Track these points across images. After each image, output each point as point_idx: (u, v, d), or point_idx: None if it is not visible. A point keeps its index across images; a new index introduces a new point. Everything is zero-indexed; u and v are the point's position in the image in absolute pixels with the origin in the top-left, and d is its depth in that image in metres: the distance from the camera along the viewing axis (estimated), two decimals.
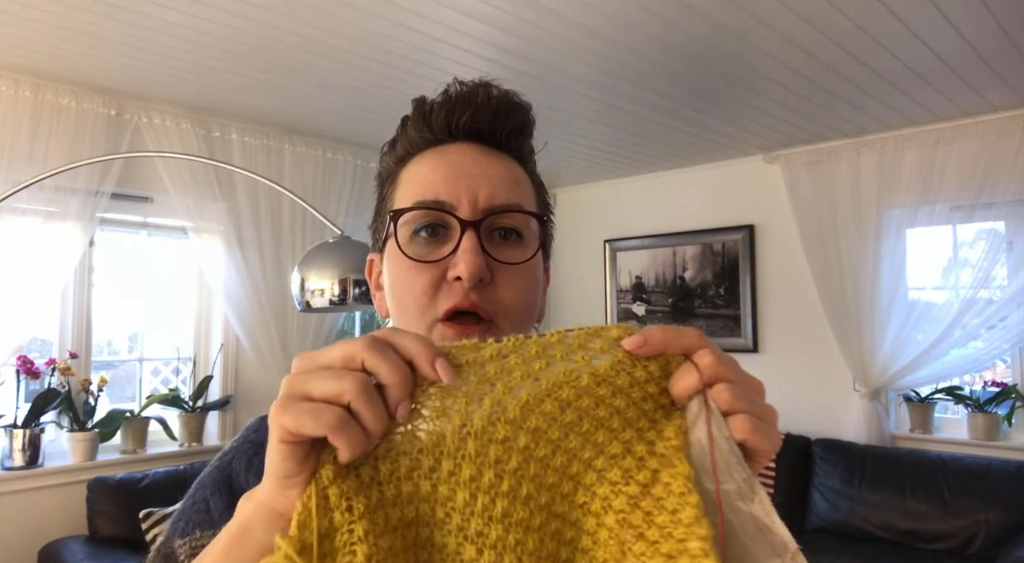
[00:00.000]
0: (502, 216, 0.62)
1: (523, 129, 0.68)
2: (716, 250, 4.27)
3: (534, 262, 0.64)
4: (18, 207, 2.73)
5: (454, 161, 0.64)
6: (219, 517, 0.64)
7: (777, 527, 0.42)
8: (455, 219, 0.61)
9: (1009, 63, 2.70)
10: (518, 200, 0.64)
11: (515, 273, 0.62)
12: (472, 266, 0.59)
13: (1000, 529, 2.97)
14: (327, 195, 3.76)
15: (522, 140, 0.69)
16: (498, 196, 0.62)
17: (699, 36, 2.46)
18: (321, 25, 2.37)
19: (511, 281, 0.62)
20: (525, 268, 0.63)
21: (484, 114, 0.65)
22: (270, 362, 3.52)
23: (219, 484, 0.67)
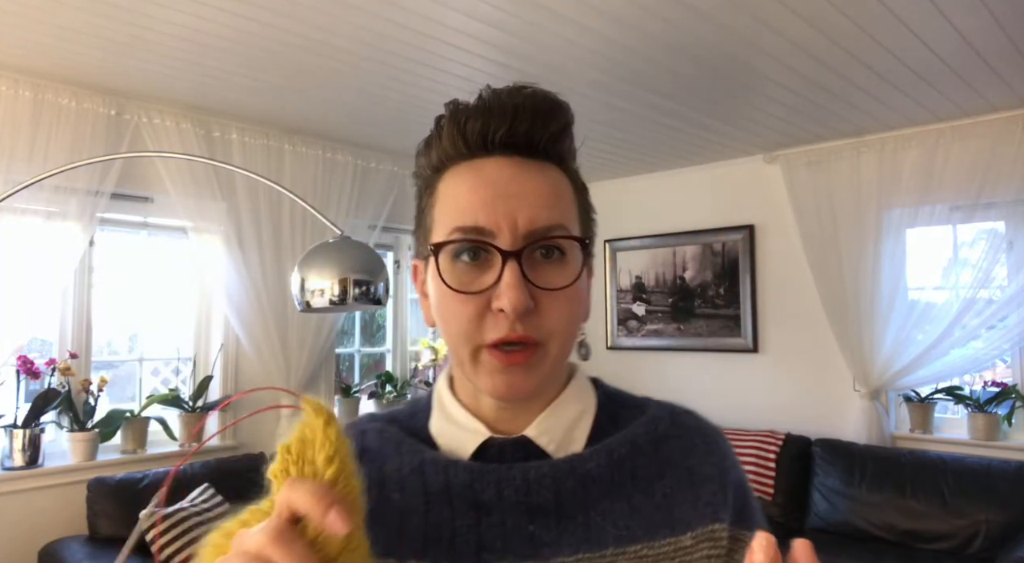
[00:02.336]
0: (544, 240, 0.61)
1: (563, 133, 0.65)
2: (716, 250, 4.27)
3: (579, 277, 0.63)
4: (18, 207, 2.73)
5: (491, 180, 0.62)
6: None
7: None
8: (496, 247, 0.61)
9: (1009, 63, 2.70)
10: (559, 217, 0.62)
11: (559, 297, 0.61)
12: (515, 301, 0.58)
13: (1000, 529, 2.97)
14: (327, 195, 3.76)
15: (562, 144, 0.66)
16: (539, 218, 0.61)
17: (699, 36, 2.46)
18: (321, 25, 2.37)
19: (556, 305, 0.61)
20: (569, 290, 0.62)
21: (521, 125, 0.63)
22: (270, 362, 3.52)
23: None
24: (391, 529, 0.63)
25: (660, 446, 0.67)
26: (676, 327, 4.42)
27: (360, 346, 4.33)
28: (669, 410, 0.71)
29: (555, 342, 0.61)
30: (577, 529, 0.62)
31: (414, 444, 0.67)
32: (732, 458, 0.71)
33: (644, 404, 0.72)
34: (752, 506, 0.70)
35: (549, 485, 0.63)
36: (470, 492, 0.63)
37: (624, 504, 0.64)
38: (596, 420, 0.69)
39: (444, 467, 0.65)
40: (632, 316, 4.64)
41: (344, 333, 4.27)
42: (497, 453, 0.66)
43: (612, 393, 0.73)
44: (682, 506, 0.65)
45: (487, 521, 0.62)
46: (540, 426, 0.66)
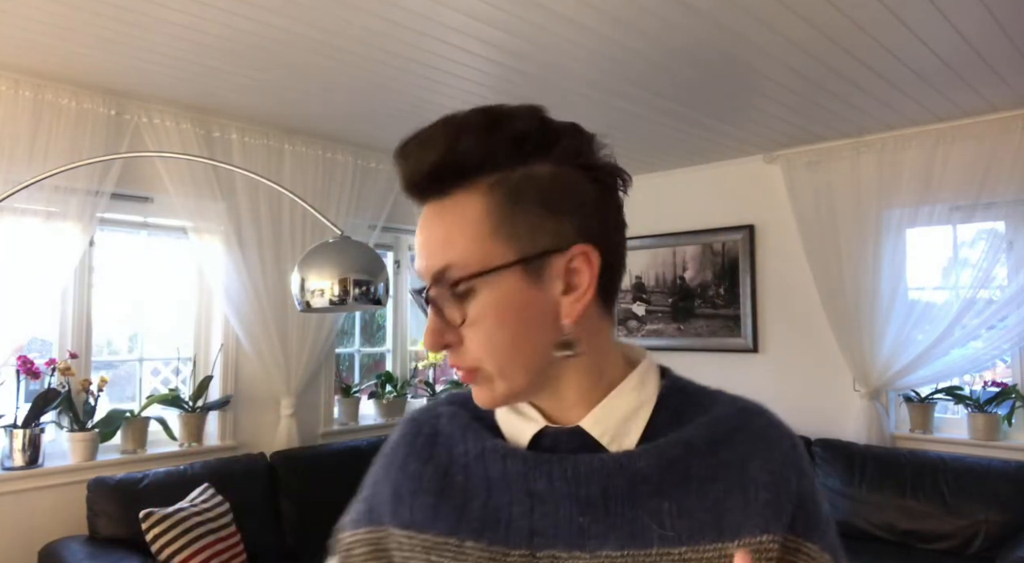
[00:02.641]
0: (444, 282, 0.64)
1: (459, 163, 0.64)
2: (716, 250, 4.27)
3: (489, 305, 0.63)
4: (18, 207, 2.73)
5: (419, 230, 0.67)
6: (361, 519, 0.76)
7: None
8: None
9: (1009, 63, 2.70)
10: (446, 260, 0.64)
11: (474, 326, 0.64)
12: (427, 345, 0.66)
13: (1000, 529, 2.97)
14: (327, 195, 3.76)
15: (467, 168, 0.64)
16: (429, 267, 0.65)
17: (699, 36, 2.46)
18: (321, 25, 2.37)
19: (472, 336, 0.65)
20: (479, 318, 0.64)
21: (417, 177, 0.65)
22: (270, 362, 3.52)
23: (368, 490, 0.78)
24: (455, 509, 0.68)
25: (718, 448, 0.66)
26: (676, 327, 4.42)
27: (360, 346, 4.33)
28: (736, 410, 0.70)
29: (488, 363, 0.65)
30: (625, 525, 0.64)
31: (479, 430, 0.72)
32: (798, 466, 0.68)
33: (712, 401, 0.71)
34: (818, 518, 0.67)
35: (598, 480, 0.65)
36: (524, 481, 0.67)
37: (674, 505, 0.64)
38: (655, 414, 0.69)
39: (502, 456, 0.69)
40: (632, 316, 4.64)
41: (344, 333, 4.27)
42: (552, 442, 0.69)
43: (681, 386, 0.72)
44: (733, 512, 0.64)
45: (540, 509, 0.66)
46: (595, 417, 0.68)
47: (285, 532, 3.23)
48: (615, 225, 0.69)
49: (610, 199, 0.68)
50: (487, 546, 0.66)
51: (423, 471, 0.72)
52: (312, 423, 3.80)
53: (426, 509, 0.70)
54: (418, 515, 0.70)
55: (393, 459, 0.76)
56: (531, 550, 0.65)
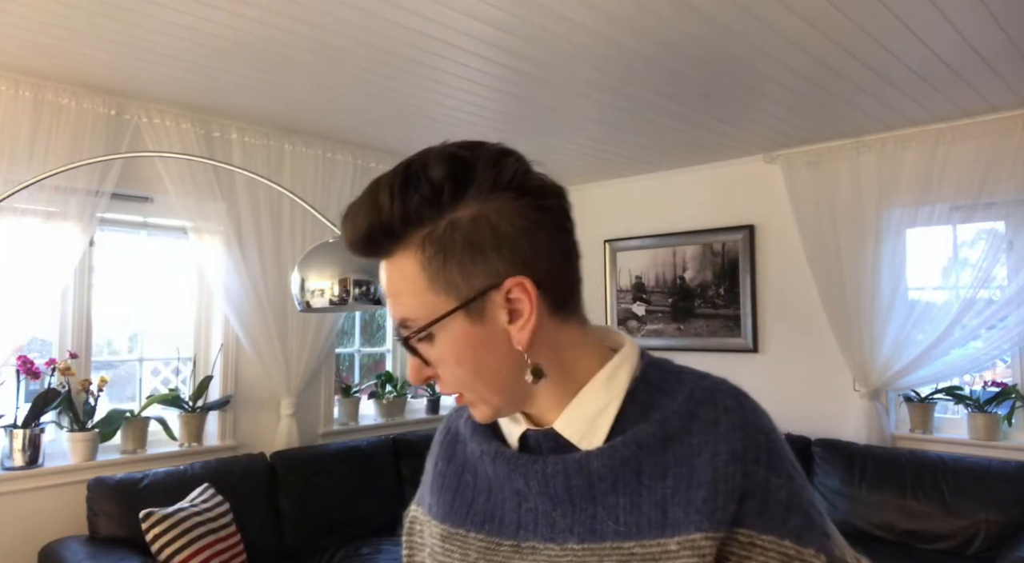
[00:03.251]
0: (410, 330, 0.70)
1: (386, 231, 0.68)
2: (716, 250, 4.27)
3: (446, 348, 0.69)
4: (18, 207, 2.73)
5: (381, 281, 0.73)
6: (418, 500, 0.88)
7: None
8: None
9: (1009, 63, 2.70)
10: (404, 313, 0.70)
11: (441, 365, 0.71)
12: (411, 380, 0.74)
13: (1000, 529, 2.97)
14: (327, 195, 3.76)
15: (394, 234, 0.68)
16: (396, 316, 0.71)
17: (699, 36, 2.46)
18: (321, 25, 2.37)
19: (444, 371, 0.71)
20: (441, 359, 0.70)
21: (355, 240, 0.70)
22: (270, 362, 3.52)
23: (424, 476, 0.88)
24: (465, 504, 0.79)
25: (670, 443, 0.68)
26: (676, 327, 4.42)
27: (360, 346, 4.33)
28: (695, 402, 0.70)
29: (467, 391, 0.72)
30: (586, 520, 0.70)
31: (485, 432, 0.79)
32: (747, 458, 0.66)
33: (678, 389, 0.72)
34: (774, 507, 0.66)
35: (561, 480, 0.70)
36: (510, 480, 0.75)
37: (627, 500, 0.68)
38: (625, 408, 0.72)
39: (492, 457, 0.76)
40: (632, 316, 4.64)
41: (344, 333, 4.27)
42: (534, 443, 0.75)
43: (654, 378, 0.74)
44: (677, 508, 0.66)
45: (525, 505, 0.74)
46: (565, 419, 0.73)
47: (285, 532, 3.23)
48: (551, 242, 0.69)
49: (542, 218, 0.68)
50: (486, 537, 0.75)
51: (447, 469, 0.83)
52: (312, 423, 3.80)
53: (446, 504, 0.81)
54: (441, 508, 0.81)
55: (433, 454, 0.88)
56: (517, 541, 0.73)
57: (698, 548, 0.64)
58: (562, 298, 0.71)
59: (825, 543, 0.67)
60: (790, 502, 0.66)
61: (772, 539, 0.65)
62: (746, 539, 0.65)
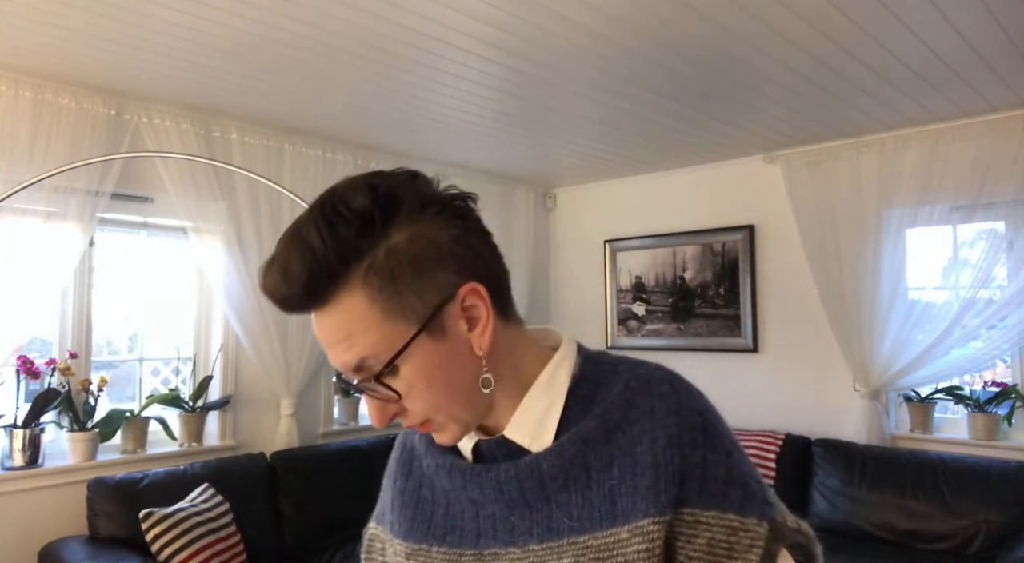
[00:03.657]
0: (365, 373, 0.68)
1: (321, 281, 0.65)
2: (716, 250, 4.27)
3: (414, 375, 0.68)
4: (18, 207, 2.73)
5: (317, 334, 0.70)
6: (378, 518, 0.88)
7: None
8: None
9: (1009, 63, 2.70)
10: (359, 354, 0.66)
11: (409, 396, 0.69)
12: (375, 422, 0.72)
13: (1000, 529, 2.97)
14: None
15: (332, 279, 0.65)
16: (347, 364, 0.68)
17: (699, 36, 2.46)
18: (321, 25, 2.37)
19: (411, 402, 0.69)
20: (409, 388, 0.68)
21: (293, 300, 0.66)
22: (270, 362, 3.52)
23: (383, 495, 0.89)
24: (425, 520, 0.79)
25: (612, 435, 0.70)
26: (676, 327, 4.42)
27: None
28: (631, 392, 0.72)
29: (436, 416, 0.71)
30: (543, 520, 0.71)
31: (436, 447, 0.79)
32: (683, 440, 0.68)
33: (616, 382, 0.73)
34: (713, 483, 0.68)
35: (515, 485, 0.72)
36: (466, 491, 0.76)
37: (579, 497, 0.70)
38: (568, 406, 0.73)
39: (448, 471, 0.77)
40: (632, 316, 4.64)
41: None
42: (488, 451, 0.76)
43: (591, 374, 0.75)
44: (624, 498, 0.68)
45: (482, 513, 0.75)
46: (513, 425, 0.74)
47: (285, 532, 3.23)
48: (482, 245, 0.71)
49: (468, 225, 0.70)
50: (448, 549, 0.76)
51: (405, 487, 0.83)
52: (312, 423, 3.80)
53: (406, 521, 0.81)
54: (403, 526, 0.81)
55: (391, 473, 0.87)
56: (479, 550, 0.74)
57: (647, 533, 0.66)
58: (504, 298, 0.73)
59: (767, 511, 0.69)
60: (728, 477, 0.69)
61: (715, 514, 0.67)
62: (691, 518, 0.67)
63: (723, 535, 0.67)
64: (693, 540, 0.67)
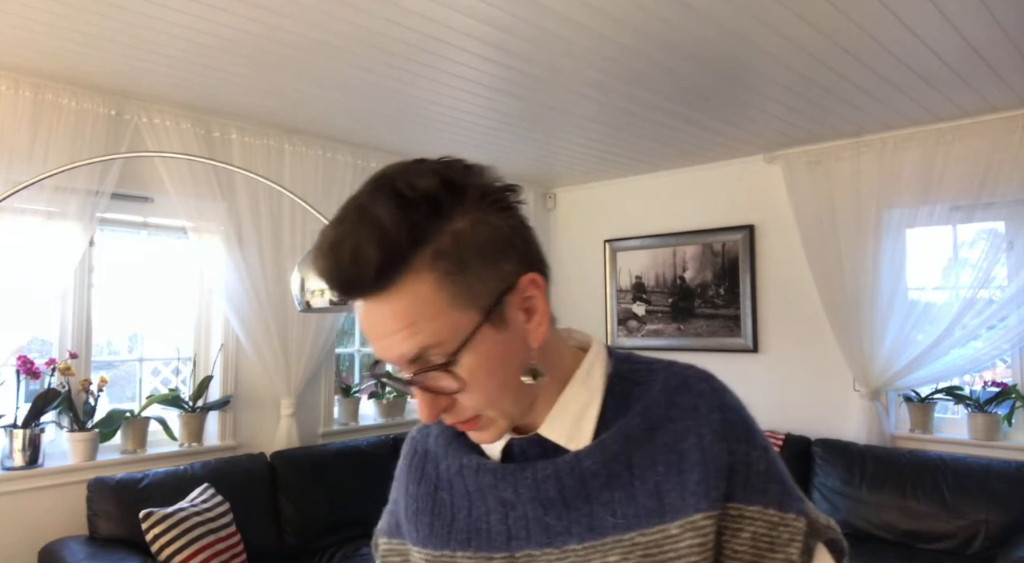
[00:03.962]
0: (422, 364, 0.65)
1: (389, 264, 0.62)
2: (716, 250, 4.27)
3: (475, 367, 0.65)
4: (18, 207, 2.73)
5: (365, 326, 0.67)
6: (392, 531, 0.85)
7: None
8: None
9: (1009, 63, 2.70)
10: (419, 343, 0.63)
11: (473, 384, 0.66)
12: (424, 418, 0.69)
13: (1000, 529, 2.97)
14: (327, 195, 3.76)
15: (400, 263, 0.62)
16: (405, 355, 0.65)
17: (699, 36, 2.46)
18: (321, 25, 2.37)
19: (465, 397, 0.67)
20: (470, 380, 0.66)
21: (344, 283, 0.63)
22: (270, 362, 3.52)
23: (392, 504, 0.86)
24: (445, 525, 0.77)
25: (655, 433, 0.71)
26: (676, 327, 4.42)
27: (360, 346, 4.33)
28: (670, 390, 0.73)
29: (487, 411, 0.68)
30: (583, 519, 0.70)
31: (458, 446, 0.78)
32: (728, 436, 0.70)
33: (653, 380, 0.74)
34: (756, 479, 0.69)
35: (553, 483, 0.70)
36: (496, 491, 0.73)
37: (622, 494, 0.69)
38: (604, 404, 0.73)
39: (475, 470, 0.75)
40: (632, 316, 4.64)
41: (344, 333, 4.27)
42: (520, 450, 0.75)
43: (624, 372, 0.76)
44: (672, 493, 0.68)
45: (512, 514, 0.73)
46: (549, 423, 0.73)
47: (285, 532, 3.23)
48: (533, 237, 0.71)
49: (521, 217, 0.69)
50: (475, 553, 0.74)
51: (418, 492, 0.81)
52: (312, 423, 3.80)
53: (424, 527, 0.78)
54: (421, 532, 0.79)
55: (401, 479, 0.85)
56: (510, 552, 0.72)
57: (700, 528, 0.67)
58: (548, 292, 0.72)
59: (803, 507, 0.71)
60: (768, 472, 0.71)
61: (758, 509, 0.69)
62: (735, 512, 0.68)
63: (764, 529, 0.68)
64: (738, 534, 0.68)
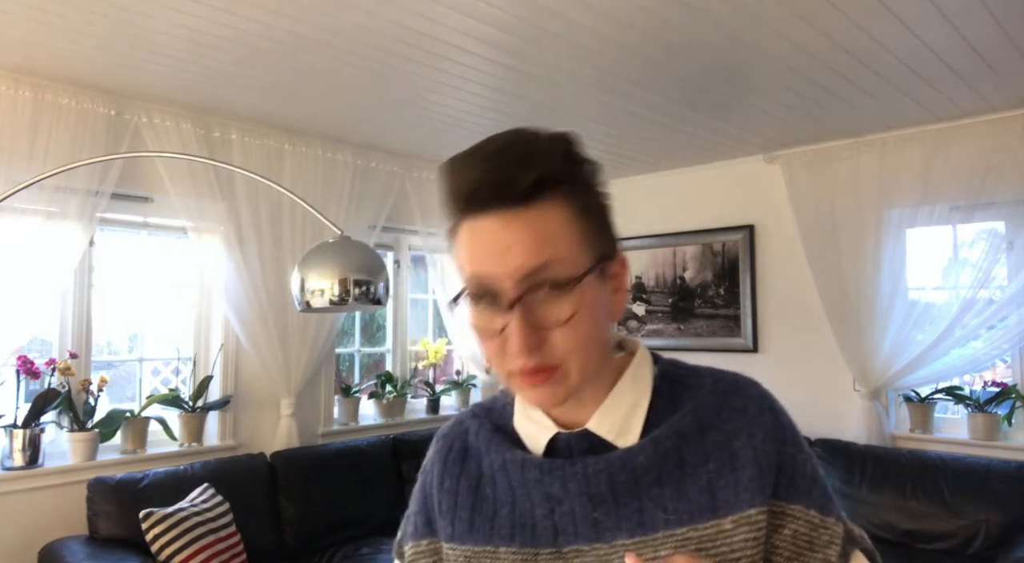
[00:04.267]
0: (538, 284, 0.66)
1: (544, 177, 0.66)
2: (716, 250, 4.27)
3: (583, 303, 0.66)
4: (18, 207, 2.73)
5: (486, 238, 0.67)
6: (421, 532, 0.82)
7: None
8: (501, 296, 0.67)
9: (1009, 63, 2.70)
10: (548, 256, 0.65)
11: (569, 324, 0.66)
12: (518, 346, 0.65)
13: (1000, 529, 2.97)
14: (327, 195, 3.76)
15: (550, 178, 0.66)
16: (527, 265, 0.65)
17: (699, 36, 2.46)
18: (321, 25, 2.37)
19: (563, 333, 0.66)
20: (576, 315, 0.66)
21: (498, 186, 0.66)
22: (270, 362, 3.52)
23: (420, 504, 0.84)
24: (487, 520, 0.76)
25: (707, 432, 0.72)
26: (676, 327, 4.42)
27: (360, 346, 4.33)
28: (720, 393, 0.75)
29: (572, 361, 0.67)
30: (633, 515, 0.70)
31: (500, 441, 0.78)
32: (778, 436, 0.72)
33: (699, 384, 0.76)
34: (800, 479, 0.71)
35: (604, 478, 0.71)
36: (542, 486, 0.73)
37: (673, 490, 0.70)
38: (652, 404, 0.75)
39: (520, 465, 0.75)
40: (632, 316, 4.64)
41: (344, 333, 4.27)
42: (565, 446, 0.75)
43: (672, 375, 0.78)
44: (724, 490, 0.69)
45: (559, 509, 0.72)
46: (598, 419, 0.74)
47: (285, 532, 3.23)
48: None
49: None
50: (519, 548, 0.73)
51: (457, 487, 0.79)
52: (312, 423, 3.80)
53: (463, 523, 0.77)
54: (458, 528, 0.78)
55: (432, 476, 0.83)
56: (557, 547, 0.72)
57: (754, 523, 0.68)
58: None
59: (841, 514, 0.73)
60: (813, 476, 0.73)
61: (800, 508, 0.70)
62: (779, 509, 0.70)
63: (805, 529, 0.70)
64: (780, 530, 0.69)
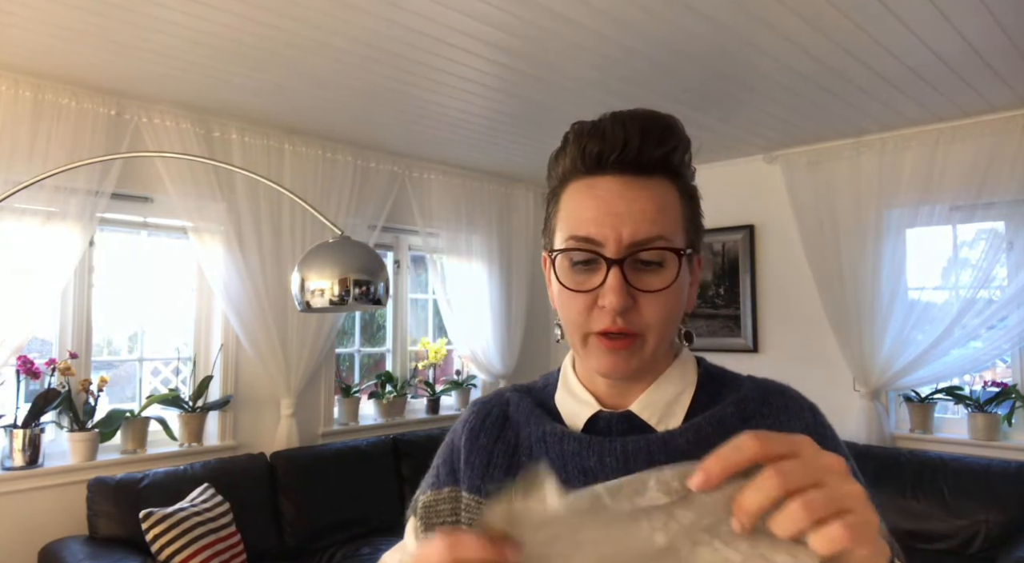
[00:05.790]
0: (643, 250, 0.71)
1: (672, 152, 0.74)
2: (716, 250, 4.27)
3: (675, 280, 0.72)
4: (18, 207, 2.73)
5: (603, 198, 0.72)
6: (443, 481, 0.84)
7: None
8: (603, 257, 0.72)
9: (1009, 63, 2.70)
10: (659, 230, 0.71)
11: (655, 297, 0.71)
12: (614, 302, 0.70)
13: (1000, 529, 2.97)
14: (327, 195, 3.76)
15: (672, 160, 0.74)
16: (639, 232, 0.71)
17: (699, 36, 2.46)
18: (321, 25, 2.37)
19: (652, 304, 0.71)
20: (666, 288, 0.72)
21: (632, 148, 0.72)
22: (270, 362, 3.52)
23: (445, 456, 0.86)
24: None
25: (747, 422, 0.75)
26: None
27: (360, 346, 4.33)
28: (762, 390, 0.78)
29: (652, 333, 0.72)
30: None
31: (540, 415, 0.80)
32: (818, 432, 0.75)
33: (740, 384, 0.80)
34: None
35: (644, 457, 0.72)
36: (579, 459, 0.74)
37: None
38: (695, 397, 0.78)
39: (560, 438, 0.76)
40: None
41: (344, 333, 4.27)
42: (605, 424, 0.77)
43: (714, 372, 0.82)
44: None
45: (593, 483, 0.70)
46: (643, 402, 0.77)
47: (285, 532, 3.23)
48: None
49: None
50: None
51: (493, 447, 0.81)
52: (312, 423, 3.80)
53: (495, 481, 0.79)
54: (488, 485, 0.79)
55: (463, 433, 0.85)
56: None
57: None
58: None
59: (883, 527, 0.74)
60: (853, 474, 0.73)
61: None
62: None
63: None
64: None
